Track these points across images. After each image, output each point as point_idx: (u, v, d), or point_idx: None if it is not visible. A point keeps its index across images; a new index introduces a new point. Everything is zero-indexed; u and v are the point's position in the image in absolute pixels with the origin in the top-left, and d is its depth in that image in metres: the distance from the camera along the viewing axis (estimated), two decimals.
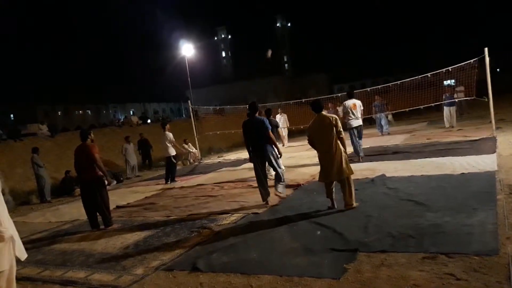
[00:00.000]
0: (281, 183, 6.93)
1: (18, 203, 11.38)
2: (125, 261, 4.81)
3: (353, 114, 9.94)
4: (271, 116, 10.09)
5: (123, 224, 6.83)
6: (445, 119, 15.20)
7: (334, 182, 5.77)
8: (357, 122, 9.96)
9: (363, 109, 10.43)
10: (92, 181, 6.67)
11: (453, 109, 15.05)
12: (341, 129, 5.71)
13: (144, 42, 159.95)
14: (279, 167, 6.89)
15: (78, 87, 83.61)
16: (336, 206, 5.75)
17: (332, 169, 5.61)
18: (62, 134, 21.27)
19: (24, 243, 6.28)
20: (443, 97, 15.03)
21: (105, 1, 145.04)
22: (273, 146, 6.82)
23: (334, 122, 5.62)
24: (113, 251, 5.32)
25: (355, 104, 10.01)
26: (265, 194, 6.75)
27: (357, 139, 9.93)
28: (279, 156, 6.91)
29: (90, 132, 7.16)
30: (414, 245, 3.97)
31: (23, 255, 3.55)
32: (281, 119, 16.63)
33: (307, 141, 6.09)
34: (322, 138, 5.71)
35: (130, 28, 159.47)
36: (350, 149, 11.19)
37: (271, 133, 6.78)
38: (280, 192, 6.92)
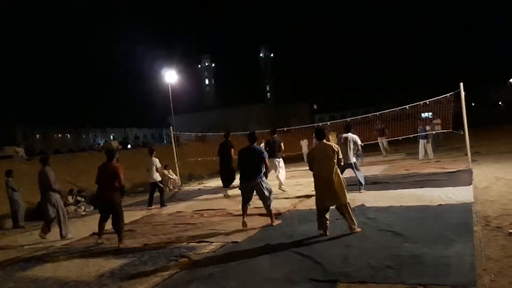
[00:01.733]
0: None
1: None
2: None
3: (343, 148, 8.95)
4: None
5: (100, 251, 6.66)
6: (419, 151, 15.41)
7: (329, 212, 5.93)
8: (344, 159, 8.66)
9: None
10: (112, 199, 7.14)
11: (426, 142, 15.18)
12: (341, 157, 5.96)
13: (127, 67, 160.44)
14: (270, 201, 7.04)
15: (59, 111, 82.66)
16: (328, 234, 5.83)
17: (328, 195, 5.80)
18: (39, 157, 20.85)
19: None
20: (418, 130, 15.32)
21: (88, 26, 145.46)
22: (265, 175, 7.20)
23: (336, 150, 5.87)
24: (88, 279, 5.16)
25: (347, 138, 9.27)
26: (244, 218, 7.04)
27: (355, 172, 9.26)
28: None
29: (116, 153, 7.72)
30: (393, 276, 3.98)
31: None
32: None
33: (308, 166, 6.25)
34: (322, 165, 5.89)
35: (113, 53, 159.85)
36: None
37: (267, 161, 7.17)
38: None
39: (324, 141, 6.10)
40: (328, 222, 5.91)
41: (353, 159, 9.37)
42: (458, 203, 6.91)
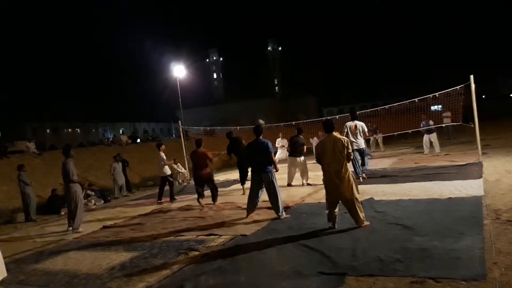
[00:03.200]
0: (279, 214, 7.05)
1: (2, 222, 11.16)
2: (111, 282, 4.73)
3: (353, 136, 9.85)
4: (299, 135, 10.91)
5: (110, 244, 6.73)
6: (424, 145, 15.27)
7: (338, 205, 5.85)
8: (356, 145, 9.83)
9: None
10: (207, 176, 9.25)
11: (433, 136, 14.91)
12: (351, 152, 5.87)
13: (136, 62, 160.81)
14: (279, 197, 7.07)
15: (68, 105, 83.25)
16: (336, 227, 5.80)
17: (339, 189, 5.70)
18: (50, 152, 21.03)
19: (6, 263, 6.18)
20: (421, 125, 15.16)
21: (97, 21, 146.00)
22: (274, 168, 7.24)
23: (346, 145, 5.76)
24: (99, 272, 5.22)
25: (356, 126, 9.94)
26: (250, 209, 7.30)
27: (357, 160, 9.80)
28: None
29: (202, 140, 9.64)
30: (402, 269, 3.97)
31: (2, 274, 3.47)
32: (282, 142, 16.69)
33: (315, 159, 6.15)
34: (332, 159, 5.77)
35: (122, 47, 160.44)
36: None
37: (273, 156, 7.27)
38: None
39: (334, 133, 5.95)
40: (337, 215, 5.88)
41: (363, 145, 10.07)
42: (468, 196, 6.86)
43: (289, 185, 10.71)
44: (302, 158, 10.78)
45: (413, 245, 4.64)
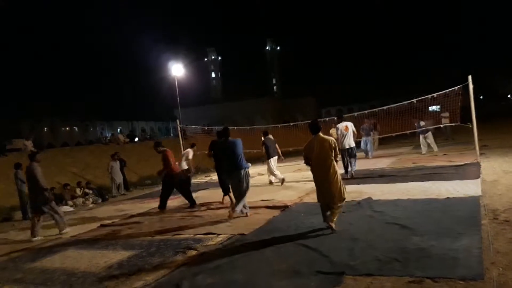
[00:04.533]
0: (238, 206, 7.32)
1: (0, 220, 11.12)
2: (108, 281, 4.72)
3: (345, 136, 10.57)
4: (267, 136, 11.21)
5: (107, 243, 6.72)
6: (421, 145, 15.30)
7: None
8: (348, 144, 10.60)
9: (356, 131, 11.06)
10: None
11: (428, 136, 14.99)
12: (339, 153, 5.83)
13: (134, 60, 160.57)
14: (245, 196, 7.39)
15: (66, 104, 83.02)
16: (333, 229, 5.58)
17: (331, 192, 5.58)
18: (47, 150, 21.01)
19: (4, 261, 6.17)
20: (415, 125, 15.19)
21: (96, 20, 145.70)
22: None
23: (333, 146, 5.61)
24: (96, 270, 5.21)
25: (347, 126, 10.66)
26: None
27: (349, 159, 10.62)
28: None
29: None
30: (400, 268, 3.97)
31: None
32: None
33: (304, 161, 6.04)
34: (320, 160, 5.65)
35: (120, 46, 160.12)
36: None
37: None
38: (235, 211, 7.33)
39: (320, 134, 5.79)
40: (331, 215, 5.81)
41: (353, 144, 10.76)
42: (466, 197, 6.87)
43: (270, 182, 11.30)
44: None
45: (411, 244, 4.64)
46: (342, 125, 10.74)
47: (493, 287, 3.33)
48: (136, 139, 35.71)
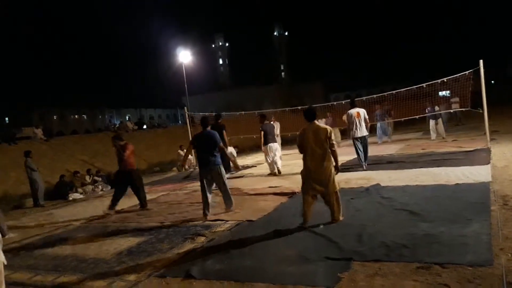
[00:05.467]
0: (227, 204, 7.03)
1: (11, 207, 11.28)
2: (118, 267, 4.78)
3: (357, 123, 9.65)
4: (266, 122, 10.52)
5: (117, 229, 6.79)
6: (431, 131, 15.23)
7: (315, 200, 5.51)
8: (360, 132, 9.66)
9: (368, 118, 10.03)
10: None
11: (438, 121, 15.01)
12: (334, 142, 5.48)
13: (142, 48, 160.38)
14: (229, 191, 7.03)
15: (74, 92, 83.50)
16: (306, 226, 5.37)
17: (322, 182, 5.34)
18: (57, 138, 21.19)
19: (16, 247, 6.28)
20: (426, 111, 15.08)
21: (103, 7, 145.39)
22: (222, 162, 6.96)
23: (329, 135, 5.34)
24: (106, 256, 5.28)
25: (359, 113, 9.72)
26: (206, 210, 6.82)
27: (361, 149, 9.69)
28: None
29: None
30: (408, 255, 3.97)
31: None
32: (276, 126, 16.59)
33: (298, 148, 5.76)
34: (314, 149, 5.38)
35: (128, 34, 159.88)
36: (345, 158, 11.22)
37: (221, 145, 6.98)
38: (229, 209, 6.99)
39: (316, 122, 5.54)
40: (311, 211, 5.53)
41: (366, 132, 9.79)
42: (475, 182, 6.82)
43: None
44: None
45: (419, 231, 4.63)
46: (353, 111, 9.76)
47: (502, 273, 3.31)
48: (145, 126, 35.81)
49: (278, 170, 10.69)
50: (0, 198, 12.47)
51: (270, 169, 10.83)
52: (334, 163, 5.45)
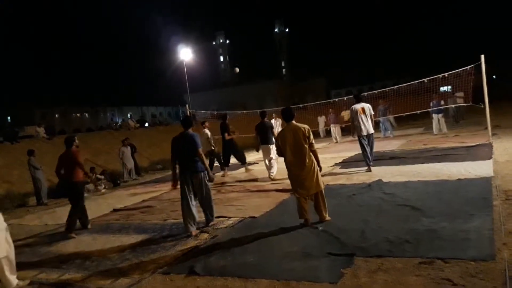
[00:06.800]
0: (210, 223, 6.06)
1: (15, 206, 11.32)
2: (122, 264, 4.81)
3: (362, 119, 8.92)
4: (266, 119, 10.16)
5: (120, 227, 6.82)
6: (433, 126, 15.26)
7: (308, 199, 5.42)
8: (366, 129, 8.92)
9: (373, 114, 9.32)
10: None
11: (441, 116, 15.12)
12: (313, 141, 5.36)
13: (143, 46, 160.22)
14: (212, 202, 6.15)
15: (76, 90, 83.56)
16: (309, 224, 5.32)
17: (306, 183, 5.26)
18: (59, 137, 21.22)
19: (20, 245, 6.30)
20: (430, 104, 15.09)
21: (104, 5, 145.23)
22: (205, 168, 5.95)
23: (307, 134, 5.25)
24: (110, 254, 5.31)
25: (364, 108, 8.97)
26: (190, 221, 5.77)
27: (368, 148, 8.96)
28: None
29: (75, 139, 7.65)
30: (410, 250, 3.98)
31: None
32: (275, 124, 16.63)
33: (276, 150, 5.67)
34: (294, 150, 5.29)
35: (129, 32, 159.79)
36: (346, 154, 11.23)
37: (200, 151, 5.92)
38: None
39: (294, 122, 5.43)
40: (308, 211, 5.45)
41: (372, 129, 9.06)
42: (477, 178, 6.82)
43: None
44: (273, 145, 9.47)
45: (421, 226, 4.64)
46: (357, 106, 9.01)
47: (505, 267, 3.33)
48: (146, 124, 35.87)
49: (269, 176, 9.67)
50: (4, 196, 12.50)
51: (268, 172, 9.82)
52: (316, 162, 5.34)
